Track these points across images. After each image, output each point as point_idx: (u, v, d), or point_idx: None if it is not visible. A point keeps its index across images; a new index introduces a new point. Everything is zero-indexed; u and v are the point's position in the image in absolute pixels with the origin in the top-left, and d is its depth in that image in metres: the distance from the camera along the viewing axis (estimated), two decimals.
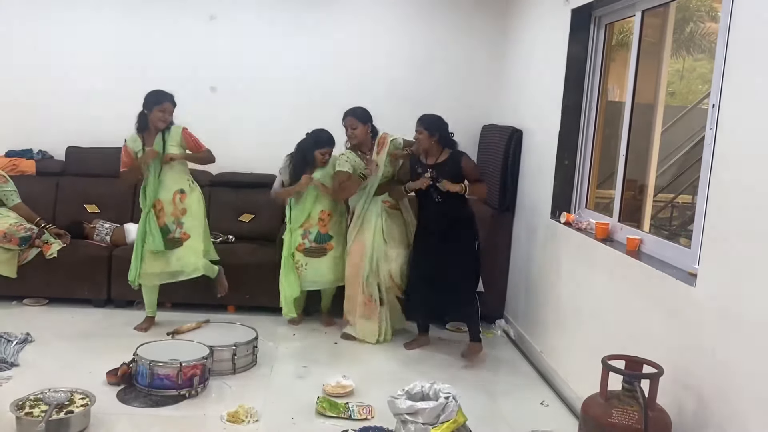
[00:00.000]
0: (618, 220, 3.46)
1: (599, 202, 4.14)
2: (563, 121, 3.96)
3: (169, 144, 4.08)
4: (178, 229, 4.16)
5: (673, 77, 7.84)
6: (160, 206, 4.14)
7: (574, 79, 3.93)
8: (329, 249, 4.37)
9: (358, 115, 4.23)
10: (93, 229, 4.81)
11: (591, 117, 3.92)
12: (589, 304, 3.43)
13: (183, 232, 4.17)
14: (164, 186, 4.12)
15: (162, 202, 4.13)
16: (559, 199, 4.02)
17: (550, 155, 4.06)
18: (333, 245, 4.38)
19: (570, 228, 3.74)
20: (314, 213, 4.34)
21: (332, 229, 4.39)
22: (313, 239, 4.36)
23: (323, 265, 4.36)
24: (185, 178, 4.20)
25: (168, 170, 4.10)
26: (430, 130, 3.98)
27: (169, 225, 4.14)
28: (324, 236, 4.37)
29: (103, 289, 4.62)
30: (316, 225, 4.35)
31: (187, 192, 4.18)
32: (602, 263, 3.31)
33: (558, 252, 3.89)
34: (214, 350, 3.57)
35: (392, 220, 4.31)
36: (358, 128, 4.23)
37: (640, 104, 3.49)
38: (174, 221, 4.15)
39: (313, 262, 4.35)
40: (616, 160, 3.55)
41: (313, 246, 4.35)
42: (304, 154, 4.28)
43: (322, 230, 4.36)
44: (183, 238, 4.18)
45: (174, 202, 4.14)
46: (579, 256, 3.61)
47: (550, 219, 4.02)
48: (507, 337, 4.58)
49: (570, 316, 3.67)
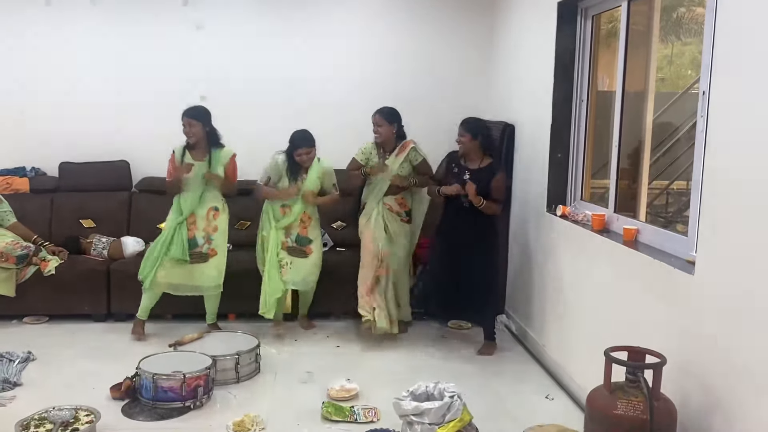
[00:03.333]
0: (614, 211, 3.46)
1: (594, 192, 4.14)
2: (555, 114, 3.96)
3: (217, 163, 4.21)
4: (206, 245, 4.24)
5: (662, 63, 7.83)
6: (193, 220, 4.23)
7: (564, 71, 3.93)
8: (309, 253, 4.39)
9: (384, 114, 4.31)
10: (90, 244, 4.80)
11: (582, 108, 3.92)
12: (589, 296, 3.44)
13: (211, 249, 4.26)
14: (202, 201, 4.22)
15: (196, 216, 4.22)
16: (554, 191, 4.02)
17: (543, 148, 4.06)
18: (312, 249, 4.40)
19: (566, 221, 3.74)
20: (298, 216, 4.36)
21: (311, 233, 4.40)
22: (294, 240, 4.37)
23: (306, 265, 4.37)
24: (219, 196, 4.31)
25: (209, 187, 4.22)
26: (472, 132, 4.00)
27: (198, 239, 4.22)
28: (304, 239, 4.38)
29: (102, 303, 4.61)
30: (298, 226, 4.37)
31: (220, 210, 4.28)
32: (600, 254, 3.31)
33: (555, 245, 3.90)
34: (217, 360, 3.56)
35: (393, 222, 4.35)
36: (383, 126, 4.29)
37: (631, 93, 3.49)
38: (204, 236, 4.24)
39: (297, 261, 4.35)
40: (609, 150, 3.54)
41: (294, 246, 4.37)
42: (291, 158, 4.31)
43: (302, 232, 4.38)
44: (210, 254, 4.25)
45: (207, 218, 4.25)
46: (577, 249, 3.61)
47: (546, 212, 4.02)
48: (509, 332, 4.59)
49: (571, 309, 3.68)
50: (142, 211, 5.03)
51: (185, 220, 4.21)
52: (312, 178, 4.33)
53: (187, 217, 4.21)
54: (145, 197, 5.11)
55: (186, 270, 4.20)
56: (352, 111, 5.03)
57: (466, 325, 4.61)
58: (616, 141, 3.45)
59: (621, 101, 3.40)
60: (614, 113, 3.45)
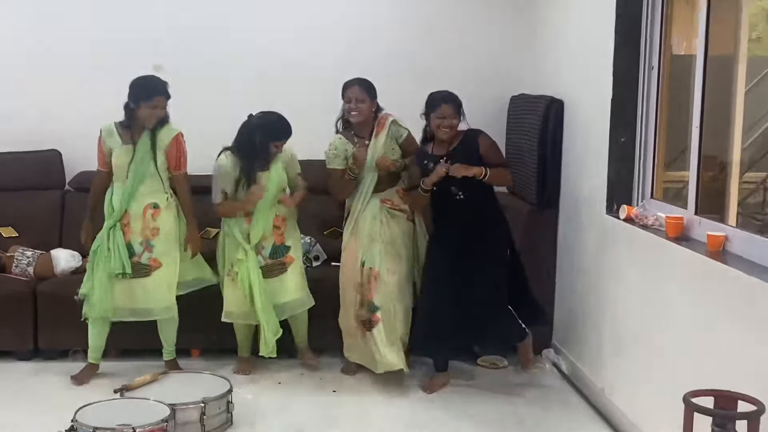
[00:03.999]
0: (695, 212, 3.45)
1: (669, 188, 4.14)
2: (616, 87, 3.95)
3: (159, 147, 4.22)
4: (146, 253, 4.21)
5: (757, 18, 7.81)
6: (127, 220, 4.20)
7: (628, 31, 3.93)
8: (289, 262, 4.40)
9: (366, 86, 4.32)
10: (11, 259, 4.81)
11: (652, 79, 3.91)
12: (662, 325, 3.42)
13: (153, 258, 4.22)
14: (135, 195, 4.20)
15: (129, 215, 4.20)
16: (617, 187, 4.02)
17: (602, 131, 4.05)
18: (293, 257, 4.42)
19: (633, 225, 3.73)
20: (269, 221, 4.36)
21: (289, 237, 4.42)
22: (268, 255, 4.37)
23: (287, 283, 4.38)
24: (162, 189, 4.27)
25: (146, 177, 4.20)
26: (459, 112, 4.07)
27: (135, 245, 4.20)
28: (281, 248, 4.40)
29: (27, 336, 4.61)
30: (271, 236, 4.37)
31: (162, 207, 4.25)
32: (677, 270, 3.30)
33: (618, 258, 3.89)
34: (177, 410, 3.56)
35: (395, 222, 4.36)
36: (365, 102, 4.30)
37: (716, 57, 3.49)
38: (142, 242, 4.21)
39: (275, 283, 4.36)
40: (687, 133, 3.54)
41: (268, 263, 4.36)
42: (254, 146, 4.27)
43: (278, 241, 4.39)
44: (153, 265, 4.22)
45: (144, 218, 4.21)
46: (646, 262, 3.60)
47: (606, 215, 4.02)
48: (557, 371, 4.59)
49: (638, 342, 3.67)
50: (79, 216, 4.92)
51: (118, 222, 4.19)
52: (277, 172, 4.34)
53: (121, 218, 4.19)
54: (82, 198, 5.05)
55: (125, 287, 4.19)
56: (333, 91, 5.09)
57: (500, 361, 4.63)
58: (696, 120, 3.44)
59: (703, 69, 3.39)
60: (694, 84, 3.43)
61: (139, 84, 4.20)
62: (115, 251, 4.15)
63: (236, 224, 4.35)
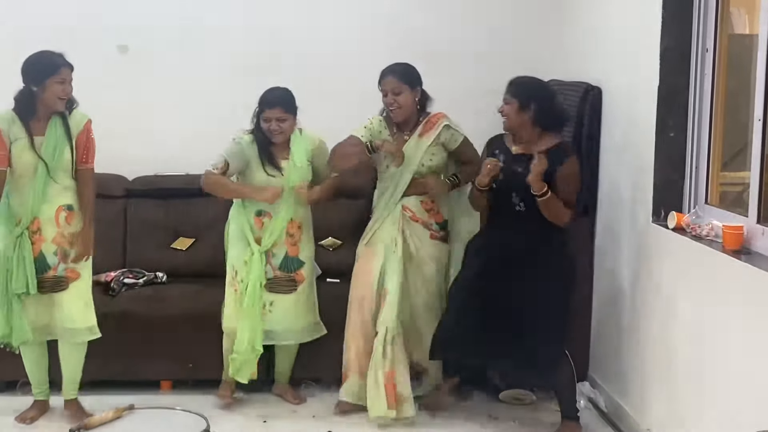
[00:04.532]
0: (757, 221, 3.43)
1: (727, 191, 4.13)
2: (663, 72, 3.95)
3: (71, 136, 4.13)
4: (62, 265, 4.18)
5: None
6: (37, 227, 4.14)
7: (677, 6, 3.92)
8: (300, 281, 4.41)
9: (402, 73, 4.30)
10: None
11: (706, 62, 3.90)
12: (719, 355, 3.41)
13: (70, 269, 4.20)
14: (46, 197, 4.13)
15: (40, 221, 4.14)
16: (664, 191, 4.02)
17: (647, 125, 4.05)
18: (304, 276, 4.43)
19: (683, 236, 3.73)
20: (284, 225, 4.38)
21: (303, 250, 4.44)
22: (278, 265, 4.38)
23: (292, 305, 4.40)
24: (75, 188, 4.22)
25: (58, 173, 4.13)
26: (521, 99, 4.02)
27: (48, 257, 4.16)
28: (293, 261, 4.41)
29: None
30: (284, 244, 4.38)
31: (76, 210, 4.21)
32: (736, 289, 3.28)
33: (666, 275, 3.88)
34: None
35: (415, 236, 4.36)
36: (402, 93, 4.29)
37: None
38: (57, 251, 4.17)
39: (282, 301, 4.38)
40: (749, 127, 3.52)
41: (278, 276, 4.38)
42: (258, 126, 4.36)
43: (291, 251, 4.40)
44: (71, 277, 4.20)
45: (58, 223, 4.15)
46: (699, 280, 3.59)
47: (652, 223, 4.01)
48: (594, 408, 4.58)
49: (691, 375, 3.65)
50: None
51: (25, 231, 4.13)
52: (299, 161, 4.35)
53: (29, 225, 4.13)
54: None
55: (43, 304, 4.18)
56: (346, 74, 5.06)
57: (527, 396, 4.63)
58: (759, 112, 3.41)
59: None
60: (756, 69, 3.41)
61: (37, 60, 4.08)
62: (20, 268, 4.09)
63: (245, 217, 4.36)
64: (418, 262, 4.37)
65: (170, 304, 4.65)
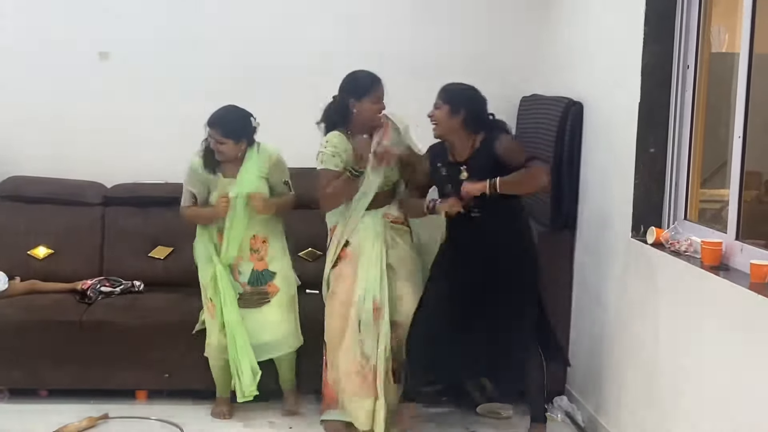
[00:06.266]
0: (736, 237, 3.44)
1: (706, 208, 4.13)
2: (644, 88, 3.96)
3: None
4: None
5: None
6: None
7: (659, 23, 3.94)
8: (273, 293, 4.42)
9: None
10: None
11: (687, 79, 3.92)
12: (697, 370, 3.41)
13: None
14: None
15: None
16: (644, 207, 4.02)
17: (627, 141, 4.06)
18: (278, 286, 4.43)
19: (662, 251, 3.73)
20: (244, 242, 4.39)
21: (273, 261, 4.44)
22: (246, 280, 4.39)
23: (269, 317, 4.40)
24: None
25: None
26: (452, 104, 4.02)
27: None
28: (263, 274, 4.42)
29: None
30: (248, 259, 4.40)
31: None
32: (714, 305, 3.28)
33: (645, 290, 3.88)
34: None
35: (402, 240, 4.32)
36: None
37: (763, 55, 3.47)
38: None
39: (254, 316, 4.37)
40: (728, 144, 3.53)
41: (247, 291, 4.39)
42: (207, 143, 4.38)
43: (258, 266, 4.41)
44: None
45: None
46: (678, 295, 3.59)
47: (632, 239, 4.02)
48: (572, 423, 4.59)
49: (669, 389, 3.65)
50: (5, 227, 5.03)
51: None
52: (250, 175, 4.35)
53: None
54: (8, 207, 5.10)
55: None
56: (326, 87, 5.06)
57: (504, 410, 4.62)
58: (739, 129, 3.42)
59: (748, 68, 3.38)
60: (737, 86, 3.43)
61: None
62: None
63: (208, 235, 4.39)
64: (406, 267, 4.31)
65: (147, 313, 4.65)
